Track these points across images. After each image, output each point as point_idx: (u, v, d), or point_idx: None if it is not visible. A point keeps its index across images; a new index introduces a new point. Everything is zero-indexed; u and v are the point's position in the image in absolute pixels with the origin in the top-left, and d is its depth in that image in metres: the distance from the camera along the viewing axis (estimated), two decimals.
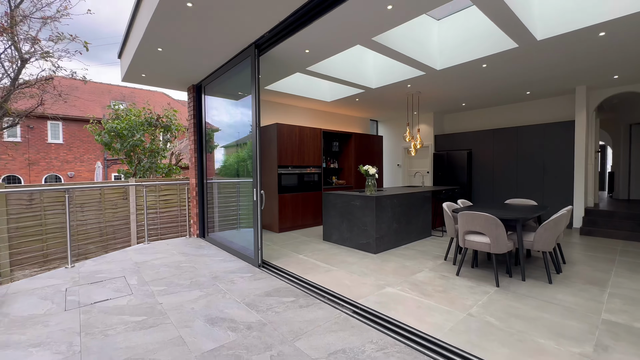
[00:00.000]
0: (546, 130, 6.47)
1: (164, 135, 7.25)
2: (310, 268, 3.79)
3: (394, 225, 4.71)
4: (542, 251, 3.28)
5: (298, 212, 6.31)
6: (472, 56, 4.33)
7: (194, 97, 5.47)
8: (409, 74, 5.12)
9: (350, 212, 4.77)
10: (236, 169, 6.41)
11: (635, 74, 5.09)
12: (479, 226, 3.24)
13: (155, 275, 3.56)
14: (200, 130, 5.47)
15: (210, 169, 5.96)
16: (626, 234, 5.21)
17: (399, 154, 9.17)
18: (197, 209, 5.57)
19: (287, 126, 6.11)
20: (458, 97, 6.57)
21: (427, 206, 5.45)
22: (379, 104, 7.20)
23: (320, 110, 7.70)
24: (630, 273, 3.53)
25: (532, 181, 6.68)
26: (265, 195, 6.31)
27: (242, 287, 3.18)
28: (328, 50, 3.97)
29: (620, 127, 7.93)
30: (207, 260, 4.18)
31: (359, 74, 5.55)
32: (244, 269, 3.78)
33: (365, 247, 4.56)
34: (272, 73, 4.88)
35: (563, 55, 4.22)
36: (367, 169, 4.65)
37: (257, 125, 3.79)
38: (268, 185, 6.21)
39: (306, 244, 5.04)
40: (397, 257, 4.25)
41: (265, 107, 6.58)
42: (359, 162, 7.65)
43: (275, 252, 4.55)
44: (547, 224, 3.20)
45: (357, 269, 3.73)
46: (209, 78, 4.98)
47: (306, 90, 6.35)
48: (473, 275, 3.48)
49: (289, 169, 6.15)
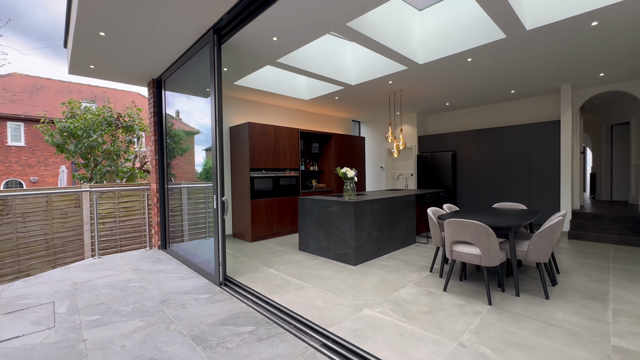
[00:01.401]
0: (531, 131, 6.26)
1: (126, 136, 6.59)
2: (279, 285, 3.31)
3: (375, 232, 4.30)
4: (537, 262, 2.93)
5: (273, 219, 5.82)
6: (456, 48, 4.00)
7: (154, 92, 4.91)
8: (390, 68, 4.75)
9: (327, 219, 4.33)
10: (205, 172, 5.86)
11: (621, 72, 4.92)
12: (467, 235, 2.86)
13: (93, 300, 2.98)
14: (160, 130, 4.90)
15: (190, 173, 5.42)
16: (615, 237, 5.00)
17: (382, 156, 8.83)
18: (158, 218, 4.98)
19: (261, 125, 5.63)
20: (442, 95, 6.27)
21: (411, 211, 5.07)
22: (360, 103, 6.82)
23: (298, 110, 7.25)
24: (628, 283, 3.23)
25: (518, 183, 6.45)
26: (236, 201, 5.78)
27: (193, 314, 2.66)
28: (298, 39, 3.54)
29: (602, 128, 7.88)
30: (161, 278, 3.62)
31: (337, 70, 5.14)
32: (201, 289, 3.25)
33: (343, 258, 4.12)
34: (239, 66, 4.40)
35: (551, 48, 3.95)
36: (346, 171, 4.22)
37: (216, 122, 3.29)
38: (239, 190, 5.69)
39: (279, 255, 4.55)
40: (378, 269, 3.83)
41: (235, 104, 6.07)
42: (340, 164, 7.24)
43: (243, 266, 4.04)
44: (542, 232, 2.85)
45: (332, 286, 3.27)
46: (168, 71, 4.44)
47: (282, 87, 5.89)
48: (462, 290, 3.10)
49: (262, 172, 5.65)
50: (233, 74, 4.72)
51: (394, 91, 5.80)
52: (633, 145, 6.86)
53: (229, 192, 5.94)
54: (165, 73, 4.55)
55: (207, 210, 5.75)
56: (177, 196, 5.32)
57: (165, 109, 4.81)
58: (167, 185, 4.84)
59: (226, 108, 5.90)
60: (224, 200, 3.29)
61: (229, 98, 5.93)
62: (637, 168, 6.77)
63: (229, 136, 5.96)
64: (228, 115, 5.94)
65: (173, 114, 5.06)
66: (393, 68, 4.72)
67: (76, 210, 5.57)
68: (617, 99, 6.94)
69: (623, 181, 7.52)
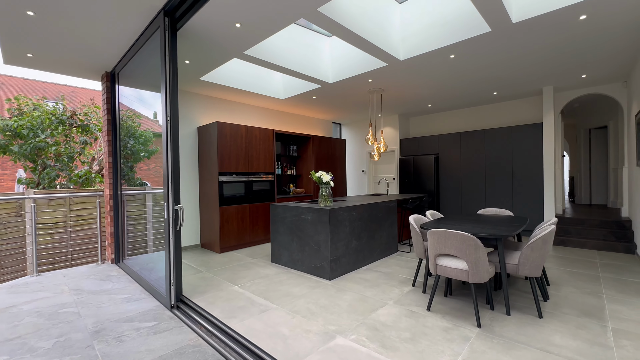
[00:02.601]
0: (514, 133, 6.11)
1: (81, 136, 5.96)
2: (241, 307, 2.86)
3: (353, 242, 3.93)
4: (529, 277, 2.64)
5: (245, 227, 5.35)
6: (439, 43, 3.72)
7: (108, 87, 4.37)
8: (370, 65, 4.44)
9: (301, 228, 3.92)
10: None
11: (603, 73, 4.81)
12: (453, 248, 2.53)
13: (7, 333, 2.44)
14: (114, 128, 4.36)
15: (159, 177, 4.86)
16: (599, 243, 4.86)
17: (364, 160, 8.53)
18: (111, 228, 4.42)
19: (231, 126, 5.17)
20: (424, 96, 6.03)
21: (392, 218, 4.75)
22: (340, 104, 6.49)
23: (274, 110, 6.84)
24: (622, 296, 3.00)
25: (501, 187, 6.28)
26: (205, 208, 5.28)
27: (129, 350, 2.18)
28: (265, 26, 3.14)
29: (581, 132, 7.90)
30: (104, 300, 3.10)
31: (314, 67, 4.78)
32: (148, 314, 2.76)
33: (318, 272, 3.72)
34: (203, 58, 3.95)
35: (536, 44, 3.74)
36: (321, 175, 3.84)
37: (169, 119, 2.83)
38: (208, 196, 5.20)
39: (248, 269, 4.09)
40: (356, 283, 3.45)
41: (204, 103, 5.59)
42: (319, 167, 6.86)
43: (205, 283, 3.56)
44: (534, 243, 2.56)
45: (302, 306, 2.86)
46: (121, 62, 3.94)
47: (256, 85, 5.47)
48: (447, 308, 2.76)
49: (233, 177, 5.19)
50: (197, 67, 4.26)
51: (374, 90, 5.50)
52: (611, 149, 6.86)
53: (195, 198, 5.43)
54: (119, 65, 4.04)
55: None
56: (141, 203, 4.78)
57: (118, 105, 4.28)
58: (121, 191, 4.29)
59: (193, 106, 5.41)
60: (177, 209, 2.83)
61: (195, 95, 5.45)
62: (616, 172, 6.77)
63: (196, 137, 5.46)
64: (195, 114, 5.45)
65: (150, 115, 4.55)
66: (372, 64, 4.41)
67: (19, 219, 4.90)
68: (595, 103, 6.94)
69: (602, 185, 7.53)
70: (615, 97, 5.38)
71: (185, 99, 5.30)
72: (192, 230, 5.38)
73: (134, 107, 4.61)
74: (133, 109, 4.60)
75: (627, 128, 5.23)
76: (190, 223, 5.36)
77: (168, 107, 2.83)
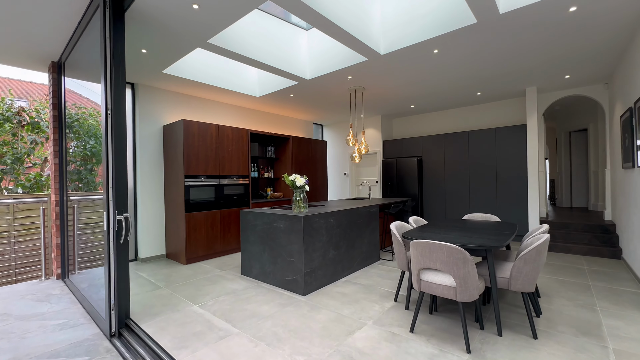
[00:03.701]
0: (497, 135, 5.96)
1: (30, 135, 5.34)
2: (196, 333, 2.45)
3: (330, 252, 3.58)
4: (522, 292, 2.36)
5: (215, 236, 4.90)
6: (422, 36, 3.45)
7: (55, 78, 3.86)
8: (349, 60, 4.13)
9: (273, 237, 3.54)
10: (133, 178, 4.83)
11: (587, 73, 4.71)
12: (439, 262, 2.22)
13: None
14: (61, 126, 3.85)
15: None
16: (585, 248, 4.72)
17: (347, 162, 8.23)
18: (58, 239, 3.89)
19: (199, 124, 4.73)
20: (406, 95, 5.79)
21: (374, 224, 4.44)
22: (320, 103, 6.16)
23: (250, 109, 6.43)
24: (616, 308, 2.79)
25: (485, 190, 6.11)
26: (170, 215, 4.80)
27: None
28: (227, 9, 2.77)
29: (561, 135, 7.90)
30: (32, 328, 2.60)
31: (290, 61, 4.43)
32: (81, 346, 2.30)
33: (291, 286, 3.34)
34: (163, 47, 3.52)
35: (522, 38, 3.54)
36: (294, 179, 3.48)
37: (109, 112, 2.40)
38: (173, 201, 4.73)
39: (215, 283, 3.67)
40: (333, 299, 3.10)
41: (170, 99, 5.13)
42: (298, 170, 6.50)
43: (161, 301, 3.11)
44: (527, 255, 2.29)
45: (269, 330, 2.48)
46: (67, 50, 3.45)
47: (228, 81, 5.05)
48: (433, 328, 2.45)
49: (201, 180, 4.74)
50: (158, 58, 3.82)
51: (354, 89, 5.20)
52: (591, 151, 6.86)
53: (160, 204, 4.94)
54: (65, 53, 3.55)
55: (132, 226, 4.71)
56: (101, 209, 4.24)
57: (65, 100, 3.77)
58: (67, 196, 3.78)
59: (157, 103, 4.94)
60: (121, 218, 2.39)
61: (160, 91, 4.97)
62: (596, 174, 6.76)
63: (161, 137, 4.98)
64: (160, 111, 4.98)
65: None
66: (352, 59, 4.10)
67: None
68: (576, 105, 6.93)
69: (582, 187, 7.53)
70: (597, 99, 5.31)
71: (148, 95, 4.82)
72: (157, 240, 4.88)
73: (98, 102, 4.12)
74: (97, 104, 4.10)
75: (610, 130, 5.16)
76: (155, 231, 4.86)
77: (109, 99, 2.40)
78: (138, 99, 4.73)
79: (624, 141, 3.93)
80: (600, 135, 6.47)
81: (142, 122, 4.77)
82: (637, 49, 3.32)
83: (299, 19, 4.63)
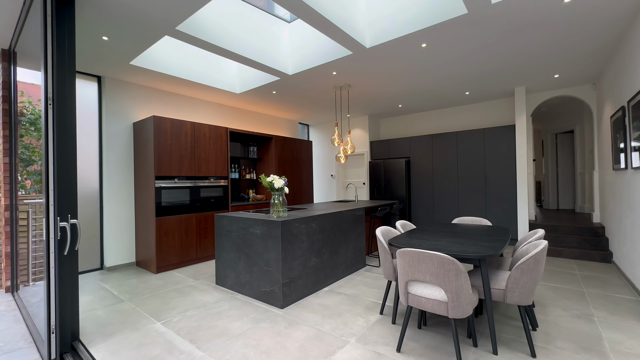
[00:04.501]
0: (486, 136, 5.83)
1: None
2: (154, 358, 2.12)
3: (312, 260, 3.30)
4: (519, 305, 2.15)
5: (191, 241, 4.55)
6: (409, 28, 3.23)
7: (5, 68, 3.46)
8: (333, 53, 3.88)
9: (249, 243, 3.24)
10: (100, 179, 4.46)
11: (576, 73, 4.61)
12: (429, 274, 1.98)
13: None
14: (11, 121, 3.44)
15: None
16: (575, 252, 4.60)
17: (333, 163, 7.98)
18: (7, 247, 3.47)
19: (173, 121, 4.38)
20: (394, 94, 5.60)
21: (360, 228, 4.19)
22: (304, 101, 5.90)
23: (230, 106, 6.10)
24: (615, 319, 2.61)
25: (474, 191, 5.96)
26: (141, 220, 4.43)
27: None
28: None
29: (547, 137, 7.88)
30: None
31: (272, 55, 4.15)
32: None
33: (268, 298, 3.04)
34: (125, 34, 3.18)
35: (513, 31, 3.37)
36: (272, 180, 3.19)
37: (50, 102, 2.06)
38: (144, 205, 4.36)
39: (185, 295, 3.33)
40: (313, 312, 2.82)
41: (142, 95, 4.76)
42: (282, 171, 6.20)
43: (121, 318, 2.76)
44: (524, 265, 2.07)
45: (238, 352, 2.18)
46: (15, 35, 3.07)
47: (206, 76, 4.72)
48: (422, 346, 2.20)
49: (175, 182, 4.39)
50: (122, 47, 3.47)
51: (340, 86, 4.95)
52: (578, 153, 6.83)
53: (130, 207, 4.56)
54: (14, 39, 3.16)
55: (93, 231, 4.33)
56: None
57: (16, 92, 3.38)
58: (16, 200, 3.37)
59: (127, 98, 4.56)
60: (65, 226, 2.05)
61: (130, 85, 4.60)
62: (583, 176, 6.73)
63: (132, 135, 4.61)
64: (130, 107, 4.60)
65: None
66: (336, 53, 3.86)
67: None
68: (562, 107, 6.90)
69: (569, 189, 7.52)
70: (585, 100, 5.23)
71: (116, 89, 4.44)
72: (126, 246, 4.49)
73: None
74: None
75: (598, 131, 5.09)
76: (124, 238, 4.47)
77: (49, 88, 2.06)
78: (105, 93, 4.35)
79: (615, 142, 3.81)
80: (587, 136, 6.44)
81: (110, 118, 4.39)
82: (629, 47, 3.20)
83: (283, 12, 4.36)
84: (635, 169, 3.12)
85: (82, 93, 4.22)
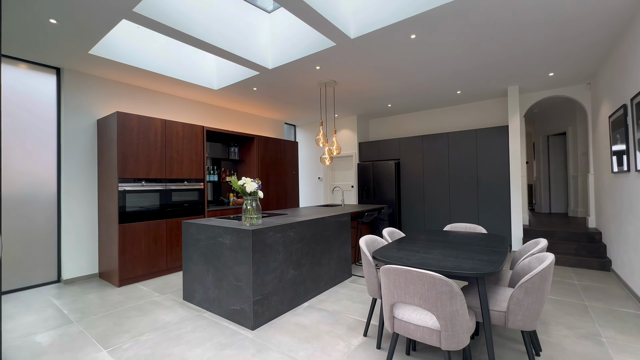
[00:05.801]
0: (478, 136, 5.59)
1: None
2: None
3: (289, 272, 2.95)
4: (522, 331, 1.84)
5: (161, 251, 4.14)
6: (398, 16, 2.94)
7: None
8: (316, 45, 3.56)
9: (218, 255, 2.87)
10: None
11: (572, 71, 4.40)
12: (417, 296, 1.65)
13: None
14: None
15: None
16: (572, 259, 4.37)
17: (321, 165, 7.65)
18: None
19: (140, 118, 3.99)
20: (382, 92, 5.31)
21: (345, 235, 3.86)
22: (287, 98, 5.56)
23: (208, 104, 5.72)
24: (623, 338, 2.34)
25: (466, 195, 5.71)
26: (104, 227, 4.00)
27: None
28: None
29: (539, 139, 7.73)
30: None
31: (250, 47, 3.81)
32: None
33: (238, 318, 2.68)
34: (76, 17, 2.80)
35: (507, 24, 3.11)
36: (244, 183, 2.83)
37: None
38: (107, 210, 3.94)
39: (145, 313, 2.93)
40: (288, 334, 2.47)
41: (108, 89, 4.34)
42: (265, 173, 5.84)
43: (61, 344, 2.36)
44: (528, 283, 1.77)
45: None
46: None
47: (179, 70, 4.34)
48: None
49: (142, 184, 3.99)
50: (75, 33, 3.07)
51: (325, 82, 4.64)
52: (570, 156, 6.66)
53: (93, 213, 4.13)
54: None
55: (49, 239, 3.89)
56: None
57: None
58: None
59: (89, 93, 4.15)
60: None
61: (92, 78, 4.18)
62: (575, 179, 6.56)
63: (95, 133, 4.19)
64: (94, 103, 4.18)
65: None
66: (319, 44, 3.54)
67: None
68: (554, 108, 6.74)
69: (561, 193, 7.35)
70: (579, 100, 5.04)
71: (77, 82, 4.03)
72: (87, 256, 4.06)
73: None
74: None
75: (593, 133, 4.89)
76: (85, 247, 4.04)
77: None
78: (64, 86, 3.93)
79: (614, 143, 3.58)
80: (580, 138, 6.28)
81: (71, 114, 3.97)
82: (630, 44, 2.97)
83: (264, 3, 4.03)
84: (639, 172, 2.88)
85: (37, 86, 3.79)
